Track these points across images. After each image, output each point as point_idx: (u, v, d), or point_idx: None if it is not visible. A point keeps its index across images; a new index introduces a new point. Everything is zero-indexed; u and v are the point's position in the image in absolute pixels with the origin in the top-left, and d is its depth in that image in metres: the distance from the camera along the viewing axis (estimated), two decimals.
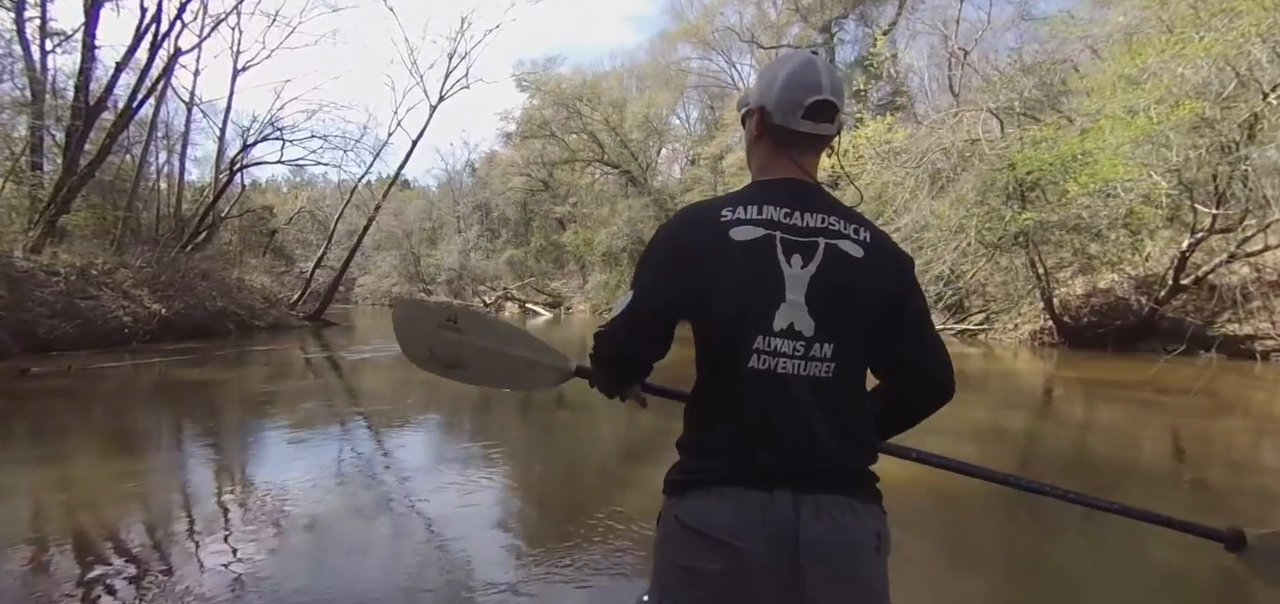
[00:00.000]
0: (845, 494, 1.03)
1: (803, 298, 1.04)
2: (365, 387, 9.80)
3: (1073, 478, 4.92)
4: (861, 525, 1.02)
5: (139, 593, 2.62)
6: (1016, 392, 9.63)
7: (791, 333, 1.03)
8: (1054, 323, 12.87)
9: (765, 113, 1.12)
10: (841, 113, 1.13)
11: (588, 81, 32.24)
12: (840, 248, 1.07)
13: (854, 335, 1.07)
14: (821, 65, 1.12)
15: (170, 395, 8.54)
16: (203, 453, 5.62)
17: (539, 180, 36.77)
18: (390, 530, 3.49)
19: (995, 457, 5.41)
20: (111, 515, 3.60)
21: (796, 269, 1.04)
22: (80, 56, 15.55)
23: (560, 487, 4.55)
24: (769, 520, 0.98)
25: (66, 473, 4.52)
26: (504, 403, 8.45)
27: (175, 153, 25.93)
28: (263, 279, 24.13)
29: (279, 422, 6.87)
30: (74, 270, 13.39)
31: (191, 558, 3.03)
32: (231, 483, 4.47)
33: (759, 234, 1.05)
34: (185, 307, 15.11)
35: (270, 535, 3.33)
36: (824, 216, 1.08)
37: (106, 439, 5.95)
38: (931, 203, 13.18)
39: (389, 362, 12.34)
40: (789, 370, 1.03)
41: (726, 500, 1.00)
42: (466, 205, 46.80)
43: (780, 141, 1.12)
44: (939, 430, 6.24)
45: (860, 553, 1.02)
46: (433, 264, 45.27)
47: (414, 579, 2.79)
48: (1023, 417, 7.97)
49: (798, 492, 1.00)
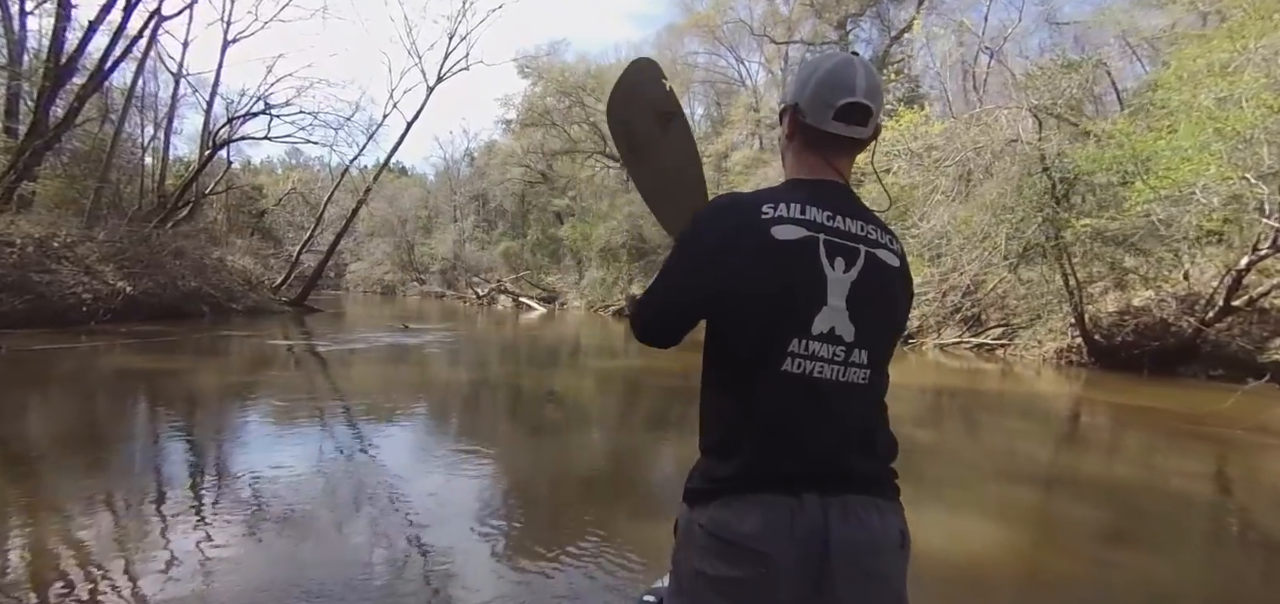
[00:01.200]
0: (870, 494, 1.02)
1: (844, 303, 1.02)
2: (335, 383, 8.85)
3: (1101, 518, 4.26)
4: (887, 524, 1.02)
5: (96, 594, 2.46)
6: (1040, 415, 8.78)
7: (831, 337, 1.01)
8: (1084, 340, 12.01)
9: (798, 111, 1.10)
10: (877, 117, 1.10)
11: (592, 71, 31.25)
12: (878, 256, 1.06)
13: (888, 343, 1.09)
14: (860, 66, 1.08)
15: (113, 384, 7.58)
16: (114, 457, 4.69)
17: (538, 172, 35.84)
18: (368, 529, 3.32)
19: (1014, 492, 4.83)
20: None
21: (839, 273, 1.03)
22: (55, 17, 14.56)
23: (547, 488, 4.36)
24: (799, 526, 0.97)
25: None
26: (492, 402, 8.10)
27: (161, 126, 24.99)
28: (246, 261, 23.10)
29: (203, 423, 5.92)
30: (32, 241, 12.40)
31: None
32: (132, 498, 3.56)
33: (802, 235, 1.03)
34: (154, 286, 14.12)
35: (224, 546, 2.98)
36: (863, 223, 1.07)
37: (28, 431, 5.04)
38: (953, 208, 12.30)
39: (367, 355, 11.40)
40: (826, 375, 1.01)
41: (755, 507, 0.99)
42: (463, 195, 46.03)
43: (811, 141, 1.10)
44: (954, 459, 4.95)
45: (886, 552, 1.01)
46: (427, 253, 44.43)
47: (391, 582, 2.68)
48: (1046, 444, 7.12)
49: (825, 494, 0.99)
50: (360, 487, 3.96)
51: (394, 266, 46.00)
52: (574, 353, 14.67)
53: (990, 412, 8.58)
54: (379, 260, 46.91)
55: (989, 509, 4.27)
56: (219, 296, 16.52)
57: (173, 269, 15.29)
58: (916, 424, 7.73)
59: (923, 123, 11.43)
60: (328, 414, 6.33)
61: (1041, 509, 4.55)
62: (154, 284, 14.23)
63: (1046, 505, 4.70)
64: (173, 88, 22.82)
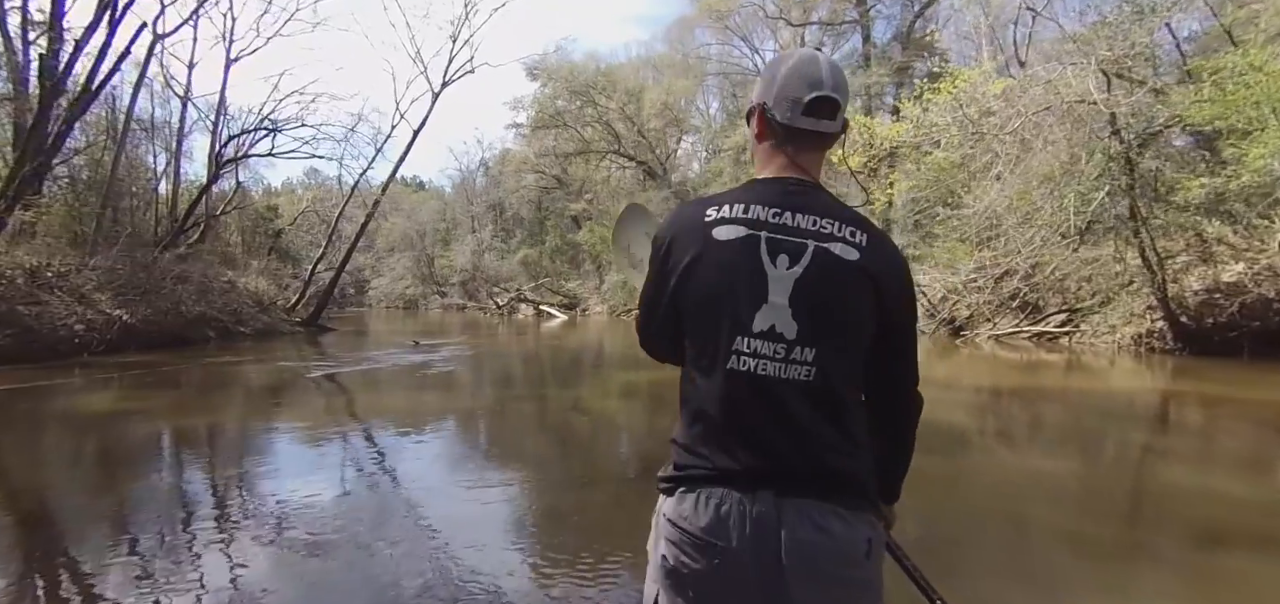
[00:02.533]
0: (831, 500, 1.01)
1: (786, 300, 1.01)
2: (324, 409, 7.95)
3: (1198, 538, 3.56)
4: (849, 532, 1.00)
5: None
6: (1118, 411, 7.55)
7: (772, 335, 1.01)
8: (1168, 323, 10.63)
9: (766, 110, 1.09)
10: (844, 110, 1.09)
11: (602, 69, 30.35)
12: (831, 250, 1.03)
13: (840, 340, 1.04)
14: (824, 61, 1.09)
15: (66, 425, 6.76)
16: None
17: (552, 177, 35.07)
18: (398, 542, 3.27)
19: (1092, 503, 4.17)
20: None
21: (782, 271, 1.02)
22: (46, 39, 14.06)
23: (577, 499, 4.23)
24: (748, 521, 0.98)
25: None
26: (519, 411, 7.87)
27: (168, 150, 24.67)
28: (260, 282, 22.58)
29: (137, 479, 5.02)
30: (23, 272, 11.80)
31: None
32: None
33: (742, 234, 1.04)
34: (153, 313, 13.46)
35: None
36: (816, 218, 1.04)
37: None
38: (1008, 183, 11.00)
39: (366, 378, 10.53)
40: (769, 372, 1.01)
41: (709, 501, 1.01)
42: (480, 205, 45.65)
43: (780, 139, 1.09)
44: (1021, 465, 4.94)
45: (846, 560, 1.00)
46: (446, 265, 44.08)
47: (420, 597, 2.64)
48: (1127, 445, 6.02)
49: (780, 494, 0.99)
50: (382, 509, 3.88)
51: (415, 281, 45.82)
52: (597, 362, 13.69)
53: (1091, 417, 7.31)
54: (400, 275, 46.75)
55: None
56: (226, 320, 15.87)
57: (176, 295, 14.65)
58: (995, 440, 6.54)
59: (982, 81, 10.09)
60: (316, 440, 5.40)
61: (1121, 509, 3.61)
62: (154, 311, 13.57)
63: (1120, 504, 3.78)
64: (181, 111, 22.52)
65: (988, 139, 10.44)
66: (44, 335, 10.81)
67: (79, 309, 11.87)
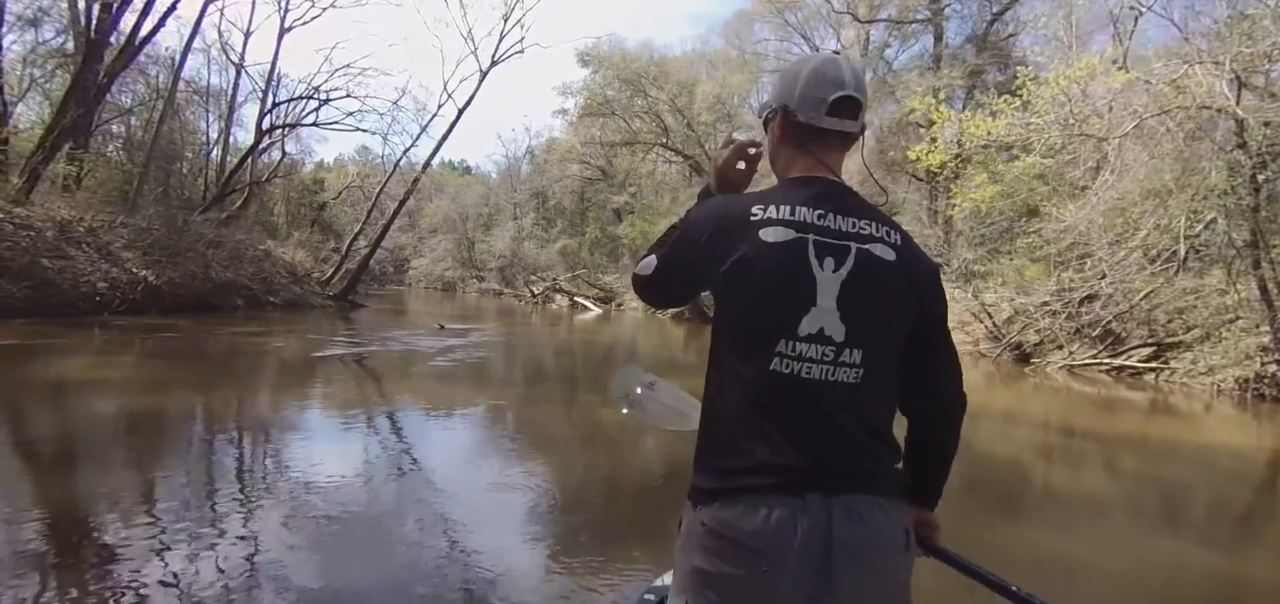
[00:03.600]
0: (873, 493, 1.01)
1: (834, 303, 1.01)
2: (317, 395, 7.31)
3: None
4: (891, 524, 1.01)
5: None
6: (1219, 467, 6.33)
7: (821, 338, 1.00)
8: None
9: (788, 112, 1.10)
10: (865, 111, 1.11)
11: (655, 59, 29.45)
12: (872, 252, 1.04)
13: (884, 341, 1.05)
14: (845, 62, 1.10)
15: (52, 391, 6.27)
16: None
17: (597, 168, 34.41)
18: (415, 532, 3.20)
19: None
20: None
21: (829, 273, 1.02)
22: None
23: (600, 499, 4.13)
24: (802, 526, 0.96)
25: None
26: (550, 408, 7.46)
27: (218, 116, 24.94)
28: (298, 254, 22.57)
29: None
30: (53, 225, 11.65)
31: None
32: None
33: (791, 237, 1.02)
34: (181, 276, 13.23)
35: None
36: (855, 220, 1.05)
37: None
38: (1101, 195, 9.65)
39: (384, 361, 9.93)
40: (816, 375, 1.00)
41: (758, 507, 0.98)
42: (523, 192, 45.41)
43: (804, 140, 1.10)
44: (1098, 536, 3.87)
45: (890, 552, 1.01)
46: (485, 250, 44.06)
47: (434, 587, 2.61)
48: (1232, 511, 4.95)
49: (828, 494, 0.98)
50: (408, 489, 3.82)
51: (454, 263, 45.98)
52: (629, 360, 12.88)
53: (1185, 472, 6.15)
54: (440, 257, 47.02)
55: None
56: (256, 289, 15.65)
57: (207, 259, 14.45)
58: (1072, 503, 5.37)
59: (1102, 70, 8.68)
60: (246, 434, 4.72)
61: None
62: (182, 274, 13.35)
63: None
64: (234, 78, 22.66)
65: (1091, 142, 9.07)
66: (64, 290, 10.59)
67: (104, 266, 11.66)
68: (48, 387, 6.25)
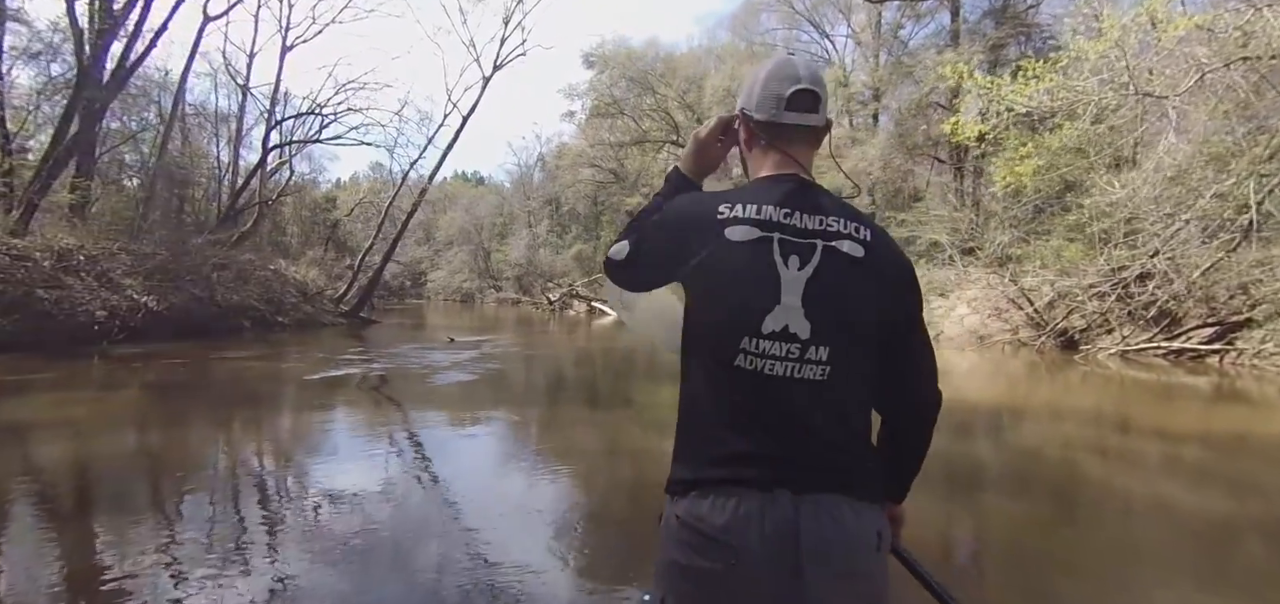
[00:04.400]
0: (844, 493, 1.01)
1: (799, 301, 1.02)
2: (285, 429, 6.78)
3: None
4: (861, 523, 1.01)
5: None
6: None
7: (785, 336, 1.01)
8: None
9: (747, 114, 1.13)
10: (824, 105, 1.12)
11: (662, 56, 28.87)
12: (839, 249, 1.04)
13: (851, 338, 1.04)
14: (799, 61, 1.13)
15: None
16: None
17: (609, 171, 33.96)
18: (438, 542, 3.22)
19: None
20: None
21: (794, 272, 1.03)
22: (96, 19, 13.76)
23: (625, 507, 3.93)
24: (768, 521, 0.97)
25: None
26: (572, 413, 7.33)
27: (227, 140, 24.85)
28: (310, 272, 22.33)
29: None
30: (50, 254, 11.37)
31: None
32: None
33: (756, 235, 1.03)
34: (185, 300, 12.92)
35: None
36: (822, 218, 1.05)
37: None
38: (1155, 164, 8.77)
39: (381, 381, 9.40)
40: (780, 372, 1.01)
41: (728, 501, 0.99)
42: (537, 199, 45.26)
43: (769, 139, 1.11)
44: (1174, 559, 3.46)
45: (860, 552, 1.00)
46: (502, 259, 43.93)
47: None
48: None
49: (797, 492, 0.99)
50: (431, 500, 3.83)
51: (471, 274, 46.00)
52: (649, 371, 12.25)
53: (1195, 447, 5.45)
54: (457, 268, 47.09)
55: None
56: (264, 310, 15.32)
57: (212, 282, 14.13)
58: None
59: (1166, 19, 7.71)
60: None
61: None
62: (186, 298, 13.03)
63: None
64: (241, 100, 22.52)
65: (1145, 103, 8.16)
66: (60, 321, 10.27)
67: (104, 294, 11.35)
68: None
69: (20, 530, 3.41)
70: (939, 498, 4.00)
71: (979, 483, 4.90)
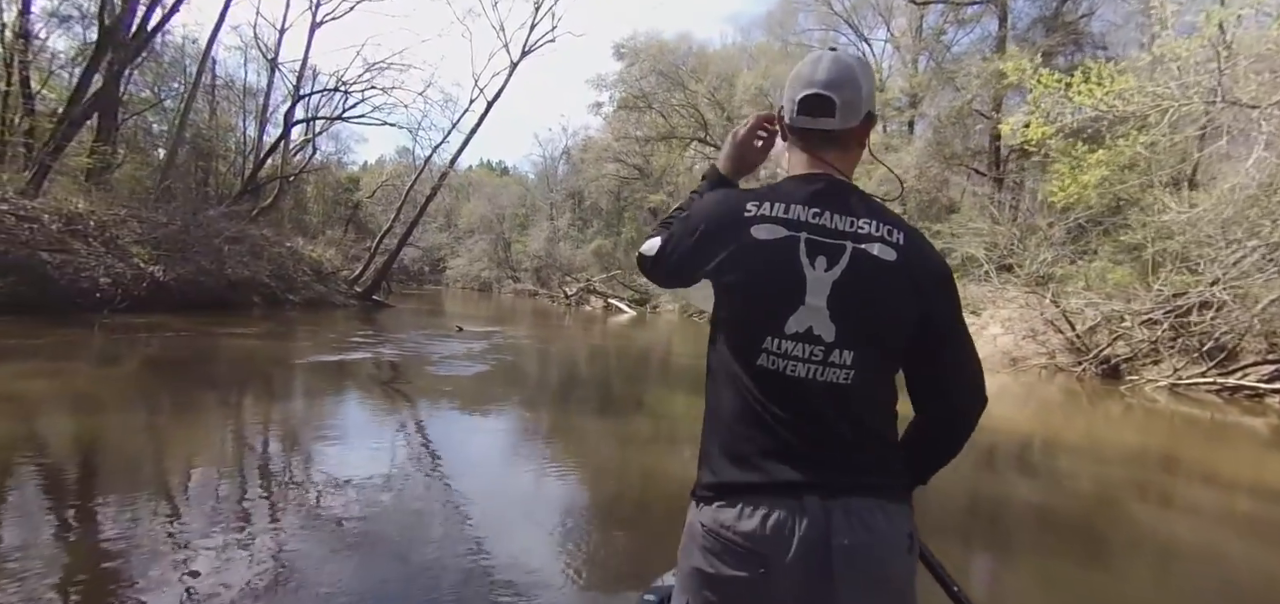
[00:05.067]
0: (874, 496, 1.00)
1: (824, 303, 1.00)
2: (260, 416, 6.37)
3: None
4: (892, 526, 0.99)
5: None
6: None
7: (809, 337, 1.00)
8: None
9: (780, 113, 1.14)
10: (844, 107, 1.07)
11: (695, 50, 28.25)
12: (869, 252, 1.02)
13: (879, 342, 1.02)
14: (826, 60, 1.09)
15: None
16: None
17: (634, 167, 33.45)
18: (441, 539, 3.13)
19: None
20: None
21: (820, 272, 1.01)
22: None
23: (634, 512, 3.85)
24: (800, 528, 0.95)
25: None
26: (583, 411, 7.08)
27: (254, 114, 24.83)
28: (328, 251, 22.17)
29: None
30: (58, 217, 11.18)
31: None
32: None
33: (782, 235, 1.02)
34: (194, 272, 12.67)
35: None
36: (853, 219, 1.04)
37: None
38: (1236, 183, 7.97)
39: (374, 369, 8.98)
40: (802, 374, 0.99)
41: (756, 508, 0.97)
42: (560, 192, 44.96)
43: (795, 138, 1.12)
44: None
45: (891, 555, 0.99)
46: (521, 250, 43.73)
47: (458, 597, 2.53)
48: None
49: (826, 497, 0.97)
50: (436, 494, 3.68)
51: (490, 264, 45.85)
52: (664, 366, 11.74)
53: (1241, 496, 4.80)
54: (477, 257, 46.97)
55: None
56: (274, 287, 15.07)
57: (223, 255, 13.90)
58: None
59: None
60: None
61: None
62: (195, 270, 12.79)
63: None
64: (269, 75, 22.43)
65: (1230, 110, 7.37)
66: (62, 285, 10.03)
67: (109, 261, 11.12)
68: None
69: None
70: (960, 529, 3.79)
71: (1004, 515, 4.50)
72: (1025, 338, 13.97)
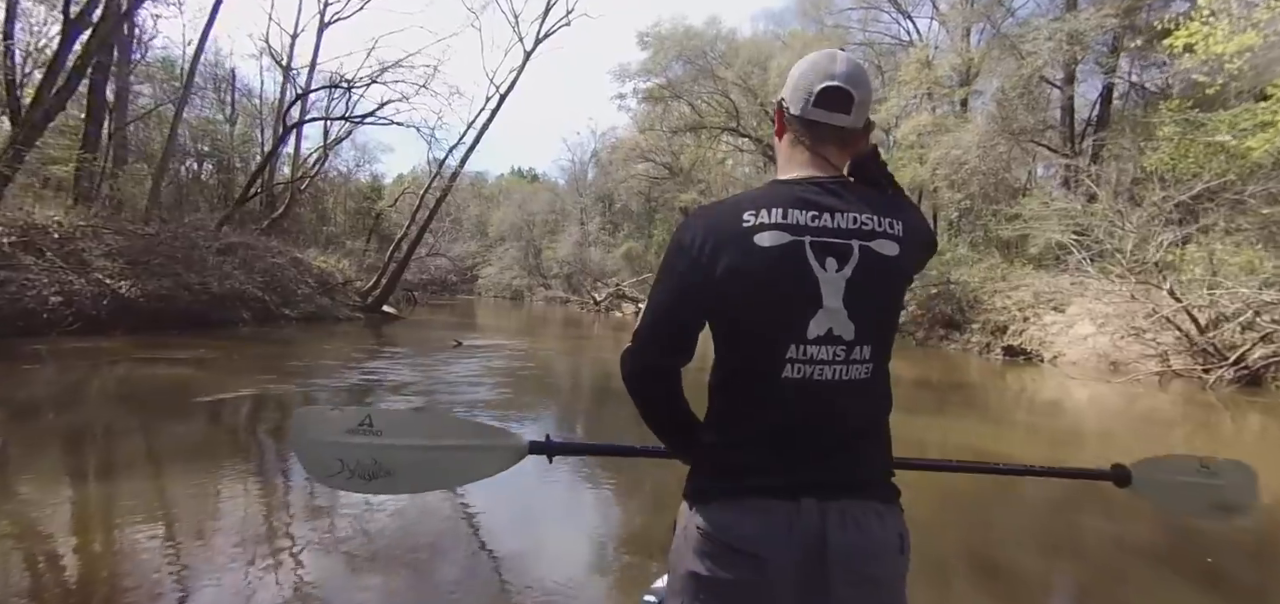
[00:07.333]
0: (869, 498, 1.01)
1: (840, 302, 0.99)
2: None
3: None
4: (886, 528, 1.01)
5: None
6: None
7: (830, 338, 0.99)
8: None
9: (783, 105, 1.11)
10: (858, 106, 1.06)
11: (724, 35, 26.39)
12: (875, 249, 1.02)
13: (887, 334, 1.05)
14: (841, 57, 1.08)
15: None
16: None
17: (663, 166, 31.80)
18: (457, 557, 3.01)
19: None
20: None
21: (832, 273, 1.00)
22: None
23: (654, 524, 3.50)
24: (796, 529, 0.96)
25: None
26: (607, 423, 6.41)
27: (262, 122, 24.10)
28: (342, 262, 21.09)
29: None
30: (12, 230, 10.09)
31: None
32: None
33: (786, 240, 1.00)
34: (168, 287, 11.46)
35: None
36: (856, 215, 1.03)
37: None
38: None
39: (322, 402, 7.46)
40: (827, 377, 0.99)
41: (753, 510, 0.98)
42: (589, 196, 43.74)
43: (798, 134, 1.09)
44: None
45: (885, 556, 1.00)
46: (551, 256, 42.61)
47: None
48: None
49: (823, 498, 0.98)
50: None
51: (521, 272, 44.99)
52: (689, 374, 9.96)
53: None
54: (507, 265, 46.20)
55: None
56: (267, 301, 13.83)
57: (206, 267, 12.72)
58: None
59: None
60: None
61: None
62: (173, 284, 11.60)
63: None
64: (282, 81, 21.58)
65: None
66: (1, 308, 8.86)
67: (66, 278, 9.95)
68: None
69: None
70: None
71: (1147, 570, 3.33)
72: (1124, 337, 11.65)
